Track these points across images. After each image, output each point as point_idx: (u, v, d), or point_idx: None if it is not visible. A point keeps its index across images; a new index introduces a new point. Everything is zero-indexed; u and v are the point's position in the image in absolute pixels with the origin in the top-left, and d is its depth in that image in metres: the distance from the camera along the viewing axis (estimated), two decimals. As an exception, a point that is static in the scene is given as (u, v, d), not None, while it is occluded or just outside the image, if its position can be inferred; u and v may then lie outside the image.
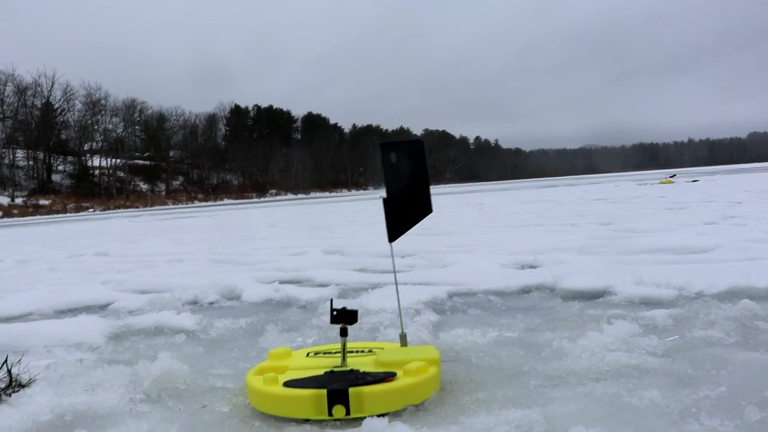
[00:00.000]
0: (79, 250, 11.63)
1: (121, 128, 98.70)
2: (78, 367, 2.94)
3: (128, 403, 2.47)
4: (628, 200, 17.37)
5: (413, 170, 2.75)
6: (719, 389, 2.24)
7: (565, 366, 2.64)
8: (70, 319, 4.21)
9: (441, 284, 4.88)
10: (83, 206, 73.53)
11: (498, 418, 2.08)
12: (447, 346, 3.12)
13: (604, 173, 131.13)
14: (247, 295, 5.03)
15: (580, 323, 3.44)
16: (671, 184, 30.77)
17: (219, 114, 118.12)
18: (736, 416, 1.99)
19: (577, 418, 2.06)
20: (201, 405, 2.45)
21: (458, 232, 10.09)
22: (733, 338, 2.94)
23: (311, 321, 3.97)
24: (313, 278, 5.83)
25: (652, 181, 38.88)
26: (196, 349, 3.48)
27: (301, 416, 2.21)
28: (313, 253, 8.04)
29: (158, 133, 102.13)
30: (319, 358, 2.65)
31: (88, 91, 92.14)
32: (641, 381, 2.40)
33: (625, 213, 12.22)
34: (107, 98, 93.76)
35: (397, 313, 3.32)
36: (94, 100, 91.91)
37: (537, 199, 23.29)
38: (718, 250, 5.72)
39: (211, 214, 31.43)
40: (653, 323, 3.30)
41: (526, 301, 4.25)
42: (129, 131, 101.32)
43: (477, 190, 49.60)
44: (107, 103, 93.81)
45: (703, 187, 23.62)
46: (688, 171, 74.45)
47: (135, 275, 6.76)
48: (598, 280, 4.40)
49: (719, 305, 3.59)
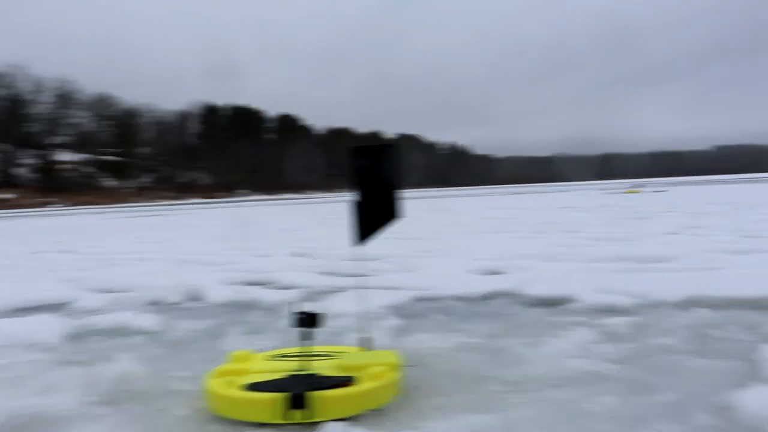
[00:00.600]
0: (40, 246, 11.42)
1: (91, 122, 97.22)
2: (32, 367, 2.89)
3: (83, 405, 2.43)
4: (595, 209, 17.60)
5: (384, 174, 2.75)
6: (672, 395, 2.29)
7: (524, 372, 2.66)
8: (26, 318, 4.14)
9: (406, 289, 4.88)
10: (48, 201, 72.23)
11: (456, 423, 2.10)
12: (409, 351, 3.12)
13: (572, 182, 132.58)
14: (211, 296, 4.99)
15: (541, 330, 3.48)
16: (637, 194, 31.22)
17: (191, 112, 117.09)
18: (686, 421, 2.03)
19: (534, 424, 2.09)
20: (158, 408, 2.42)
21: (426, 237, 10.12)
22: (687, 346, 3.01)
23: (274, 324, 3.95)
24: (278, 280, 5.80)
25: (618, 190, 39.41)
26: (155, 350, 3.44)
27: (259, 420, 2.20)
28: (279, 255, 8.00)
29: (128, 129, 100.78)
30: (281, 362, 2.64)
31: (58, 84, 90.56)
32: (598, 387, 2.43)
33: (590, 221, 12.37)
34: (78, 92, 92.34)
35: (360, 318, 3.32)
36: (65, 93, 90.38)
37: (505, 205, 23.48)
38: (678, 260, 5.82)
39: (179, 213, 31.11)
40: (612, 330, 3.35)
41: (490, 307, 4.28)
42: (99, 126, 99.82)
43: (447, 196, 49.84)
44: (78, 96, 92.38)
45: (667, 198, 24.01)
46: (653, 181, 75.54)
47: (97, 273, 6.66)
48: (561, 288, 4.45)
49: (676, 313, 3.66)
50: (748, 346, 2.95)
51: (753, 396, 2.06)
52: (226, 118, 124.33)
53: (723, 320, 3.45)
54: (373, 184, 2.72)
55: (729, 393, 2.18)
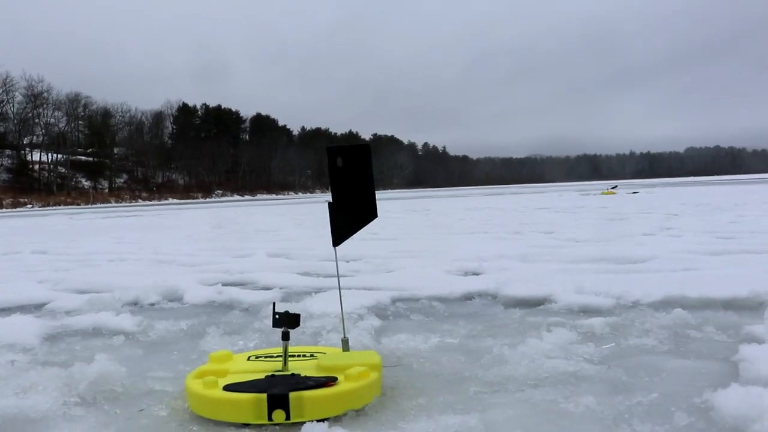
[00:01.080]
0: (15, 247, 11.25)
1: (64, 122, 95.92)
2: (9, 369, 2.85)
3: (62, 406, 2.40)
4: (571, 210, 17.75)
5: (359, 175, 2.75)
6: (651, 395, 2.31)
7: (504, 372, 2.68)
8: (2, 319, 4.07)
9: (385, 289, 4.89)
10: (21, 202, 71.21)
11: (437, 424, 2.10)
12: (389, 351, 3.13)
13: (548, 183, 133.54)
14: (189, 296, 4.96)
15: (521, 330, 3.50)
16: (613, 195, 31.54)
17: (166, 112, 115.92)
18: (666, 421, 2.06)
19: (515, 424, 2.10)
20: (138, 409, 2.40)
21: (404, 237, 10.14)
22: (666, 346, 3.04)
23: (254, 324, 3.94)
24: (256, 281, 5.78)
25: (594, 191, 39.77)
26: (134, 351, 3.41)
27: (240, 420, 2.19)
28: (257, 255, 7.97)
29: (103, 129, 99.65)
30: (261, 362, 2.63)
31: (29, 83, 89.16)
32: (578, 387, 2.45)
33: (567, 222, 12.47)
34: (50, 91, 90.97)
35: (340, 318, 3.32)
36: (36, 92, 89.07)
37: (483, 206, 23.59)
38: (655, 261, 5.89)
39: (156, 214, 30.84)
40: (591, 331, 3.38)
41: (469, 308, 4.30)
42: (72, 126, 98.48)
43: (424, 196, 49.95)
44: (50, 96, 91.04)
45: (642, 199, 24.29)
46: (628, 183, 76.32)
47: (74, 274, 6.58)
48: (540, 288, 4.48)
49: (654, 314, 3.70)
50: (727, 346, 3.00)
51: (733, 396, 2.08)
52: (202, 118, 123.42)
53: (701, 321, 3.50)
54: (349, 185, 2.72)
55: (709, 393, 2.21)
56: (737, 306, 3.89)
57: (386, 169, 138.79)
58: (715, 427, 2.00)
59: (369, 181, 2.78)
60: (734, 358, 2.72)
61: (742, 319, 3.56)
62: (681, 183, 63.68)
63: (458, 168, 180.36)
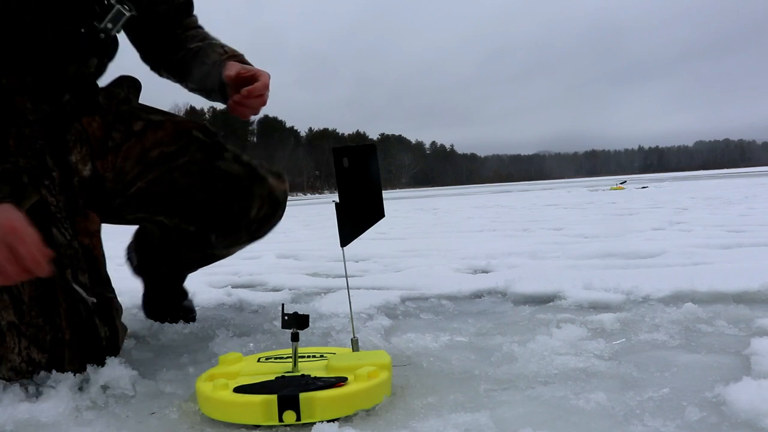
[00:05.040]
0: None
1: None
2: (21, 373, 2.85)
3: (73, 410, 2.41)
4: (580, 206, 17.70)
5: (366, 175, 2.74)
6: (662, 390, 2.30)
7: (514, 370, 2.67)
8: (14, 325, 4.09)
9: (394, 289, 4.88)
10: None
11: (448, 422, 2.09)
12: (399, 350, 3.12)
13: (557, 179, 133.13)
14: (199, 299, 4.95)
15: (530, 327, 3.48)
16: (622, 190, 31.43)
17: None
18: (678, 416, 2.04)
19: (525, 421, 2.09)
20: (150, 412, 2.41)
21: (412, 236, 10.14)
22: (676, 341, 3.02)
23: (263, 326, 3.93)
24: (266, 282, 5.77)
25: (603, 187, 39.61)
26: (145, 354, 3.41)
27: (251, 422, 2.19)
28: (266, 257, 7.97)
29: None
30: (270, 364, 2.63)
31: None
32: (588, 384, 2.44)
33: (576, 218, 12.44)
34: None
35: (349, 318, 3.32)
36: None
37: (491, 204, 23.55)
38: (665, 255, 5.87)
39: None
40: (601, 327, 3.37)
41: (478, 306, 4.29)
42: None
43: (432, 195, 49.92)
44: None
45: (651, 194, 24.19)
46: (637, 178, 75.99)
47: (83, 279, 6.59)
48: (549, 285, 4.46)
49: (664, 309, 3.68)
50: (738, 340, 2.98)
51: (745, 390, 2.07)
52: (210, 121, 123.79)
53: (712, 315, 3.48)
54: (356, 185, 2.71)
55: (721, 387, 2.19)
56: (748, 299, 3.86)
57: (394, 169, 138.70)
58: (727, 422, 1.98)
59: (376, 181, 2.77)
60: (746, 352, 2.69)
61: (754, 312, 3.53)
62: (690, 177, 63.39)
63: (466, 166, 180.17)
